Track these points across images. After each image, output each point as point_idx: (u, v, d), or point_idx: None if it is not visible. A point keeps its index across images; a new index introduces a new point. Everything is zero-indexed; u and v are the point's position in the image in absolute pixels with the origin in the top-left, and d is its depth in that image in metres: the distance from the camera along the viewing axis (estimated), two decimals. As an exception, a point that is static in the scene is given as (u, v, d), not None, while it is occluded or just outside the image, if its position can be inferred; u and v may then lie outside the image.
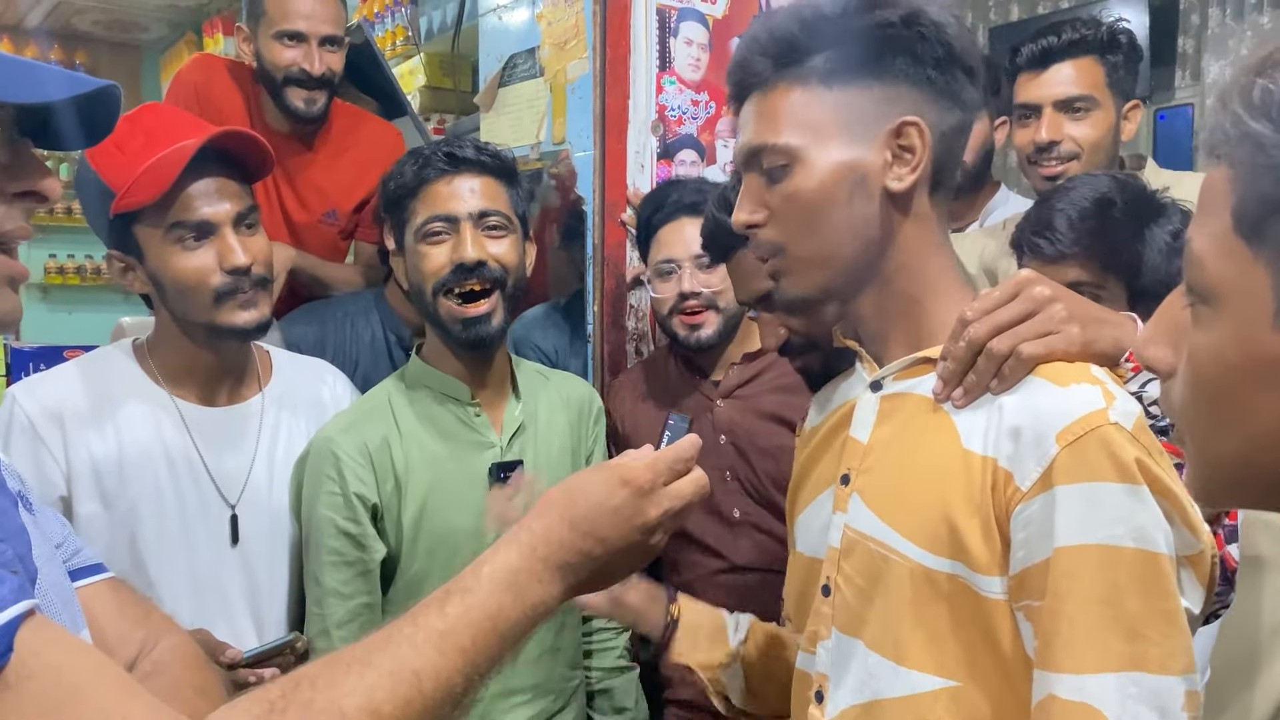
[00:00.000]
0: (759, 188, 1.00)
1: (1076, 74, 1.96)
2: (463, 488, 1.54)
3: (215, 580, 1.49)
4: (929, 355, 0.98)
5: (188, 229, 1.40)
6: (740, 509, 1.82)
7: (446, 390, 1.58)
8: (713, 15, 2.25)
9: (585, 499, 0.86)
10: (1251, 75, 0.56)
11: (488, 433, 1.59)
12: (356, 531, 1.50)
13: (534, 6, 2.26)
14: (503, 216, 1.54)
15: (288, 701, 0.69)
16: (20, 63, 0.78)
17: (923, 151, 0.96)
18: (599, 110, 2.11)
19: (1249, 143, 0.55)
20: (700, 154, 2.25)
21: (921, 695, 0.92)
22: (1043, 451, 0.86)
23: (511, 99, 2.33)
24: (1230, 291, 0.58)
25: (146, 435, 1.45)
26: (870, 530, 0.97)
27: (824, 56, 0.96)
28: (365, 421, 1.55)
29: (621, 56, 2.12)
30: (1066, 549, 0.84)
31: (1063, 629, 0.83)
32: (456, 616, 0.77)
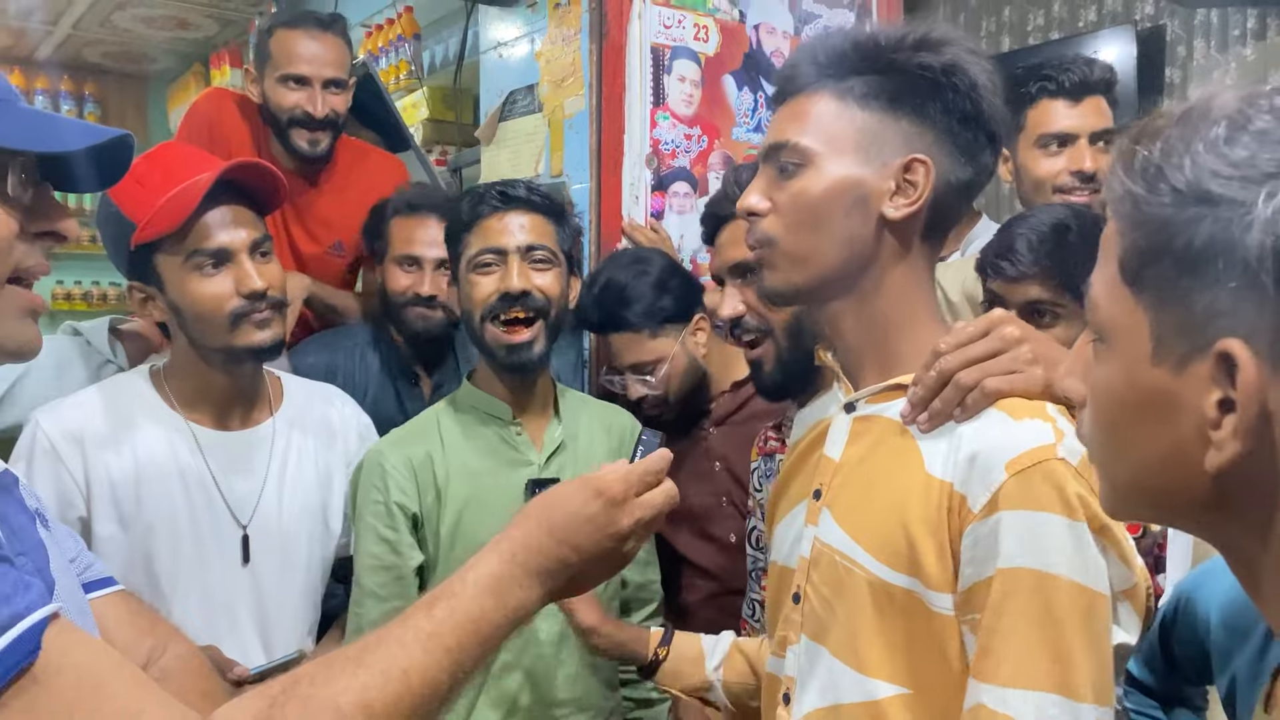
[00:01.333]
0: (771, 180, 1.06)
1: (1102, 109, 2.04)
2: (499, 501, 1.61)
3: (226, 598, 1.54)
4: (901, 382, 1.03)
5: (206, 256, 1.46)
6: (736, 533, 1.88)
7: (490, 410, 1.67)
8: (705, 53, 2.34)
9: (562, 509, 0.92)
10: (1132, 143, 0.63)
11: (527, 450, 1.67)
12: (394, 538, 1.58)
13: (533, 45, 2.35)
14: (549, 251, 1.63)
15: (288, 697, 0.74)
16: (43, 116, 0.86)
17: (925, 190, 1.01)
18: (595, 144, 2.20)
19: (1128, 201, 0.62)
20: (693, 186, 2.33)
21: (879, 701, 0.98)
22: (992, 478, 0.92)
23: (511, 133, 2.42)
24: (1118, 331, 0.64)
25: (162, 458, 1.51)
26: (837, 544, 1.03)
27: (865, 79, 1.02)
28: (413, 438, 1.65)
29: (617, 93, 2.21)
30: (1007, 570, 0.89)
31: (996, 644, 0.89)
32: (443, 619, 0.83)
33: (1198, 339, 0.58)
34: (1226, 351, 0.57)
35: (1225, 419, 0.58)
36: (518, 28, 2.41)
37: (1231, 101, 0.60)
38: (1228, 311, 0.57)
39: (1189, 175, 0.58)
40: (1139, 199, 0.61)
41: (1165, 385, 0.61)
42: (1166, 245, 0.59)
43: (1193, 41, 4.45)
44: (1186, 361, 0.59)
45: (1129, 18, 4.61)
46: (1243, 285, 0.56)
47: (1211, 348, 0.57)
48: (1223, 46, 4.35)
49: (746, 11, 2.40)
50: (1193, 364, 0.59)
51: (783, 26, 2.46)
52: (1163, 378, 0.61)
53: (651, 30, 2.25)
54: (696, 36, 2.32)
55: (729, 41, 2.38)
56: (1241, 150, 0.57)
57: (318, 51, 2.24)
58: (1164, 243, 0.59)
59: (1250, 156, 0.56)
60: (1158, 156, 0.60)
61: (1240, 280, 0.56)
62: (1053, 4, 4.96)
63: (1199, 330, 0.58)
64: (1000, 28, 5.18)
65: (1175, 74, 4.53)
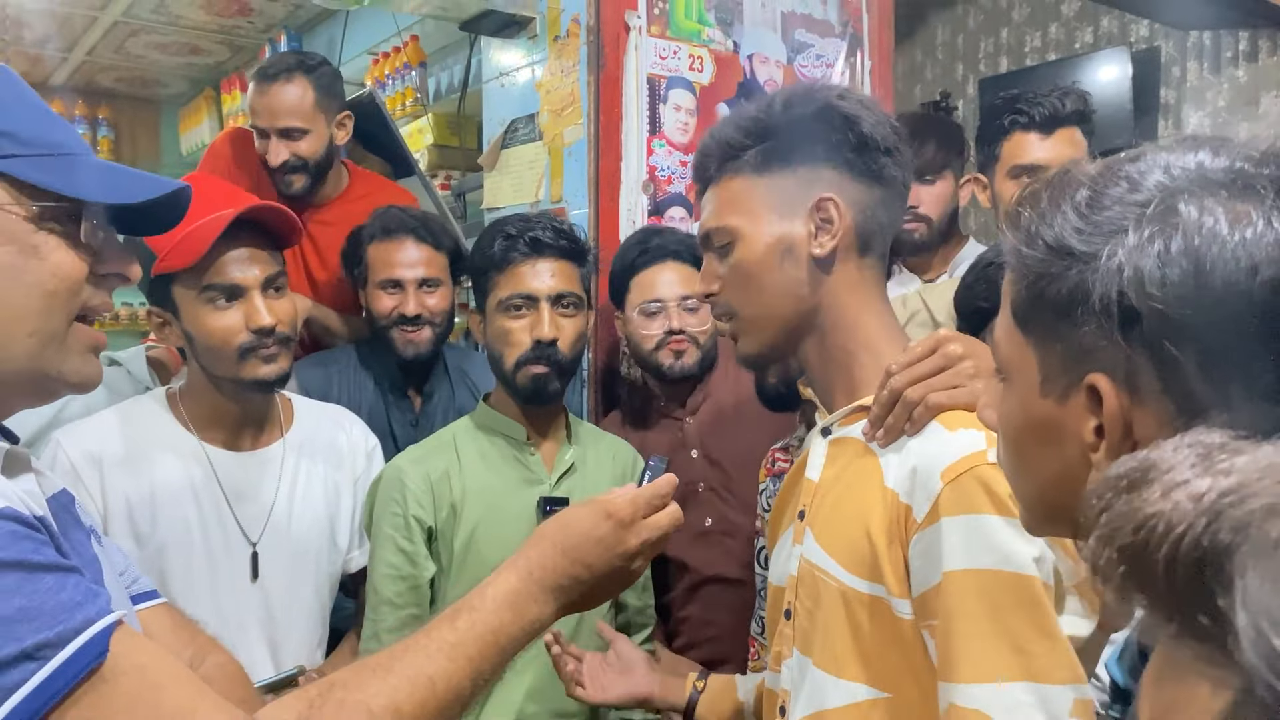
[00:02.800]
0: (713, 263, 1.18)
1: (1074, 140, 2.11)
2: (512, 518, 1.70)
3: (236, 613, 1.60)
4: (864, 404, 1.11)
5: (219, 291, 1.52)
6: (713, 517, 1.96)
7: (506, 431, 1.77)
8: (699, 82, 2.41)
9: (575, 530, 0.99)
10: (1016, 204, 0.71)
11: (539, 470, 1.76)
12: (411, 550, 1.67)
13: (534, 75, 2.43)
14: (575, 296, 1.74)
15: (324, 700, 0.81)
16: (112, 168, 0.94)
17: (841, 222, 1.11)
18: (593, 171, 2.27)
19: (1015, 255, 0.70)
20: (688, 211, 2.40)
21: (860, 704, 1.04)
22: (931, 488, 0.99)
23: (513, 160, 2.49)
24: (1014, 368, 0.73)
25: (176, 478, 1.58)
26: (816, 559, 1.10)
27: (755, 150, 1.14)
28: (431, 454, 1.74)
29: (614, 122, 2.29)
30: (952, 573, 0.96)
31: (955, 644, 0.95)
32: (465, 630, 0.90)
33: (1073, 374, 0.67)
34: (1093, 385, 0.65)
35: (1101, 443, 0.65)
36: (519, 58, 2.49)
37: (1094, 169, 0.68)
38: (1092, 350, 0.65)
39: (1056, 232, 0.66)
40: (1022, 253, 0.69)
41: (1052, 414, 0.69)
42: (1043, 293, 0.67)
43: (1186, 63, 4.52)
44: (1067, 393, 0.68)
45: (1124, 40, 4.69)
46: (1098, 327, 0.63)
47: (1083, 381, 0.66)
48: (1216, 68, 4.42)
49: (740, 42, 2.48)
50: (1072, 396, 0.67)
51: (775, 56, 2.54)
52: (1050, 408, 0.69)
53: (648, 61, 2.32)
54: (691, 67, 2.39)
55: (723, 71, 2.45)
56: (1098, 211, 0.65)
57: (268, 104, 2.37)
58: (1040, 291, 0.68)
59: (1105, 217, 0.64)
60: (1035, 218, 0.68)
61: (1095, 323, 0.64)
62: (1050, 26, 5.03)
63: (1074, 366, 0.66)
64: (998, 49, 5.26)
65: (1170, 95, 4.60)
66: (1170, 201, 0.62)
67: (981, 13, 5.33)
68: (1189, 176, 0.63)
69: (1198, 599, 0.40)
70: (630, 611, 1.88)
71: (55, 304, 0.87)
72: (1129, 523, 0.44)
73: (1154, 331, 0.61)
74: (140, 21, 4.25)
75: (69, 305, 0.88)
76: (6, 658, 0.69)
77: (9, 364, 0.86)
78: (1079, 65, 4.66)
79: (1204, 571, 0.40)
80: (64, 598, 0.73)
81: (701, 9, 2.41)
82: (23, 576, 0.72)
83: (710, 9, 2.43)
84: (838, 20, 2.65)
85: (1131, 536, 0.44)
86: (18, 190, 0.85)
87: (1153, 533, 0.43)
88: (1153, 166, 0.65)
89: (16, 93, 0.88)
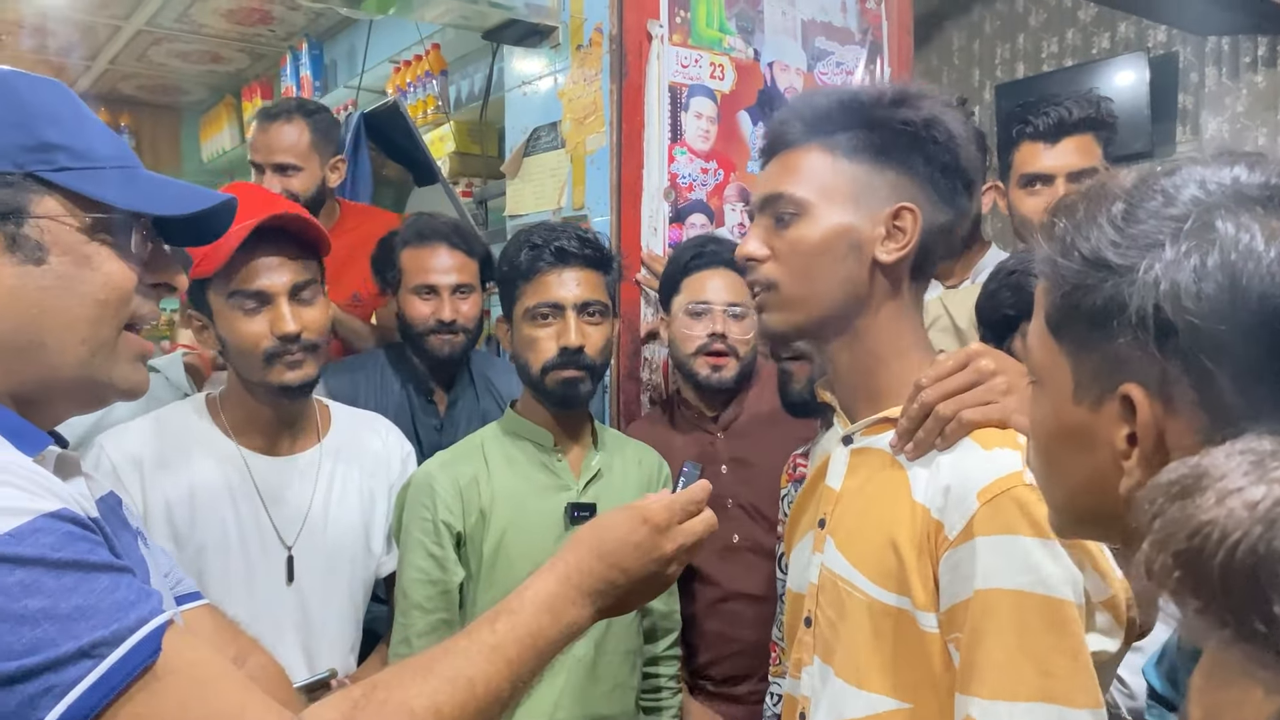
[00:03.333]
0: (768, 228, 1.13)
1: (1085, 148, 2.10)
2: (539, 523, 1.72)
3: (272, 615, 1.62)
4: (889, 415, 1.11)
5: (247, 296, 1.55)
6: (740, 534, 1.96)
7: (533, 437, 1.79)
8: (721, 91, 2.43)
9: (611, 535, 1.00)
10: (1051, 214, 0.72)
11: (567, 476, 1.78)
12: (441, 555, 1.68)
13: (556, 83, 2.45)
14: (601, 304, 1.76)
15: (367, 700, 0.83)
16: (160, 180, 0.96)
17: (913, 235, 1.09)
18: (615, 179, 2.29)
19: (1049, 264, 0.71)
20: (709, 218, 2.42)
21: (880, 715, 1.04)
22: (966, 506, 0.98)
23: (535, 168, 2.51)
24: (1047, 373, 0.74)
25: (214, 481, 1.59)
26: (838, 569, 1.10)
27: (851, 134, 1.09)
28: (460, 460, 1.76)
29: (636, 130, 2.31)
30: (984, 591, 0.96)
31: (979, 659, 0.95)
32: (504, 633, 0.91)
33: (1107, 383, 0.68)
34: (1127, 394, 0.66)
35: (1133, 451, 0.67)
36: (541, 67, 2.51)
37: (1129, 182, 0.69)
38: (1126, 360, 0.66)
39: (1093, 244, 0.67)
40: (1057, 263, 0.70)
41: (1085, 421, 0.70)
42: (1078, 304, 0.69)
43: (1204, 68, 4.51)
44: (1100, 401, 0.69)
45: (1142, 45, 4.69)
46: (1133, 339, 0.65)
47: (1117, 390, 0.67)
48: (1234, 73, 4.41)
49: (761, 50, 2.50)
50: (1105, 403, 0.68)
51: (796, 64, 2.55)
52: (1083, 415, 0.70)
53: (669, 70, 2.34)
54: (713, 75, 2.41)
55: (744, 79, 2.47)
56: (1134, 225, 0.66)
57: (266, 140, 2.52)
58: (1075, 301, 0.69)
59: (1140, 230, 0.65)
60: (1070, 229, 0.69)
61: (1130, 335, 0.65)
62: (1066, 32, 5.03)
63: (1107, 375, 0.68)
64: (1014, 55, 5.26)
65: (1188, 100, 4.59)
66: (1207, 217, 0.63)
67: (998, 18, 5.34)
68: (1225, 192, 0.64)
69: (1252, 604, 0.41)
70: (656, 616, 1.90)
71: (107, 313, 0.89)
72: (1183, 528, 0.45)
73: (1189, 345, 0.62)
74: (163, 30, 4.30)
75: (119, 314, 0.91)
76: (65, 655, 0.71)
77: (61, 371, 0.88)
78: (1096, 71, 4.66)
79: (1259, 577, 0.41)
80: (119, 597, 0.75)
81: (723, 17, 2.43)
82: (80, 576, 0.74)
83: (731, 17, 2.45)
84: (857, 28, 2.66)
85: (1186, 542, 0.45)
86: (71, 202, 0.87)
87: (1208, 539, 0.44)
88: (1188, 180, 0.66)
89: (71, 107, 0.90)
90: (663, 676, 1.93)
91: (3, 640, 0.69)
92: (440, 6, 2.42)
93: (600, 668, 1.73)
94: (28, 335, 0.86)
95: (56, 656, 0.71)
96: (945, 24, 5.55)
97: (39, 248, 0.85)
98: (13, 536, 0.72)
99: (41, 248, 0.86)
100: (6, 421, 0.84)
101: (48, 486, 0.77)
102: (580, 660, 1.71)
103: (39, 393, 0.89)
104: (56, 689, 0.70)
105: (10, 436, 0.83)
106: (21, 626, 0.70)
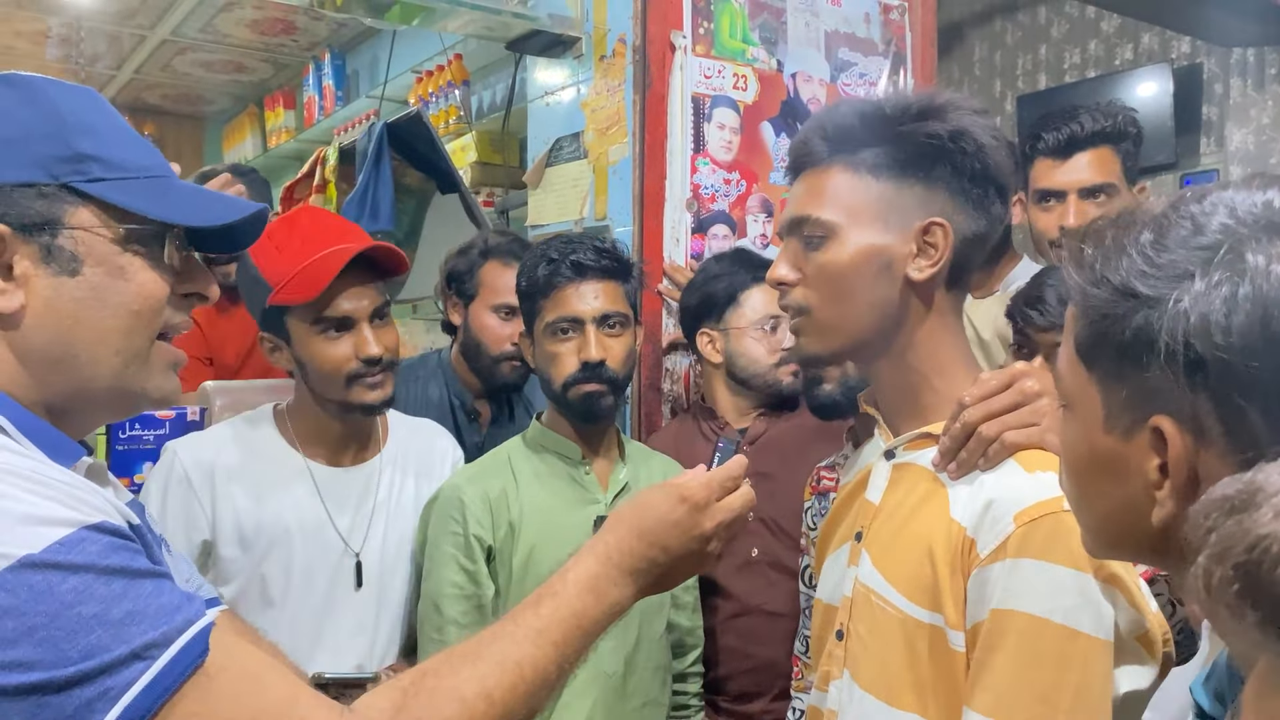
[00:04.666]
0: (797, 251, 1.11)
1: (1099, 162, 2.07)
2: (569, 537, 1.69)
3: (338, 619, 1.67)
4: (932, 431, 1.09)
5: (331, 323, 1.59)
6: (760, 548, 1.95)
7: (561, 451, 1.78)
8: (744, 101, 2.43)
9: (651, 513, 1.01)
10: (1079, 241, 0.71)
11: (595, 490, 1.78)
12: (473, 569, 1.69)
13: (579, 93, 2.45)
14: (621, 315, 1.76)
15: (417, 689, 0.84)
16: (194, 190, 0.97)
17: (945, 250, 1.07)
18: (638, 190, 2.29)
19: (1079, 292, 0.70)
20: (732, 228, 2.41)
21: None
22: (1001, 527, 0.97)
23: (557, 178, 2.52)
24: (1077, 400, 0.73)
25: (282, 491, 1.65)
26: (873, 584, 1.09)
27: (875, 151, 1.07)
28: (488, 474, 1.76)
29: (659, 140, 2.31)
30: (1000, 611, 0.95)
31: (985, 676, 0.95)
32: (549, 615, 0.92)
33: (1137, 413, 0.67)
34: (1158, 427, 0.65)
35: (1165, 482, 0.65)
36: (564, 77, 2.52)
37: (1158, 208, 0.67)
38: (1157, 391, 0.65)
39: (1122, 275, 0.66)
40: (1086, 292, 0.69)
41: (1117, 450, 0.69)
42: (1107, 333, 0.67)
43: (1229, 80, 4.48)
44: (1131, 431, 0.67)
45: (1165, 56, 4.66)
46: (1163, 372, 0.63)
47: (1148, 421, 0.66)
48: (1259, 85, 4.38)
49: (784, 61, 2.49)
50: (1136, 434, 0.67)
51: (819, 74, 2.55)
52: (1114, 443, 0.69)
53: (692, 80, 2.34)
54: (736, 85, 2.41)
55: (767, 90, 2.46)
56: (1163, 254, 0.64)
57: None
58: (1105, 331, 0.68)
59: (1170, 260, 0.64)
60: (1099, 257, 0.68)
61: (1160, 367, 0.64)
62: (1089, 43, 5.01)
63: (1138, 406, 0.66)
64: (1036, 66, 5.23)
65: (1212, 112, 4.56)
66: (1238, 248, 0.62)
67: (1020, 29, 5.31)
68: (1256, 220, 0.63)
69: None
70: (681, 631, 1.89)
71: (140, 323, 0.90)
72: (1241, 542, 0.46)
73: (1220, 379, 0.61)
74: (188, 40, 4.34)
75: (152, 324, 0.91)
76: (118, 658, 0.72)
77: (95, 381, 0.89)
78: (1119, 82, 4.64)
79: None
80: (164, 601, 0.77)
81: (746, 28, 2.43)
82: (127, 582, 0.75)
83: (754, 28, 2.44)
84: (881, 39, 2.65)
85: (1245, 554, 0.46)
86: (105, 213, 0.87)
87: (1266, 552, 0.44)
88: (1217, 207, 0.64)
89: (106, 117, 0.91)
90: (689, 694, 1.92)
91: (58, 647, 0.71)
92: (464, 17, 2.43)
93: (630, 684, 1.73)
94: (62, 346, 0.87)
95: (110, 660, 0.72)
96: (967, 35, 5.54)
97: (74, 259, 0.86)
98: (62, 545, 0.73)
99: (76, 259, 0.86)
100: (45, 435, 0.85)
101: (86, 499, 0.78)
102: (610, 677, 1.70)
103: (73, 403, 0.89)
104: (112, 692, 0.71)
105: (48, 450, 0.84)
106: (76, 633, 0.71)
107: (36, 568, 0.71)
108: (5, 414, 0.83)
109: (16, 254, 0.84)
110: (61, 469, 0.82)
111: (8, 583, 0.70)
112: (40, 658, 0.70)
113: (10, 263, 0.85)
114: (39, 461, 0.80)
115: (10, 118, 0.86)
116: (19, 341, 0.86)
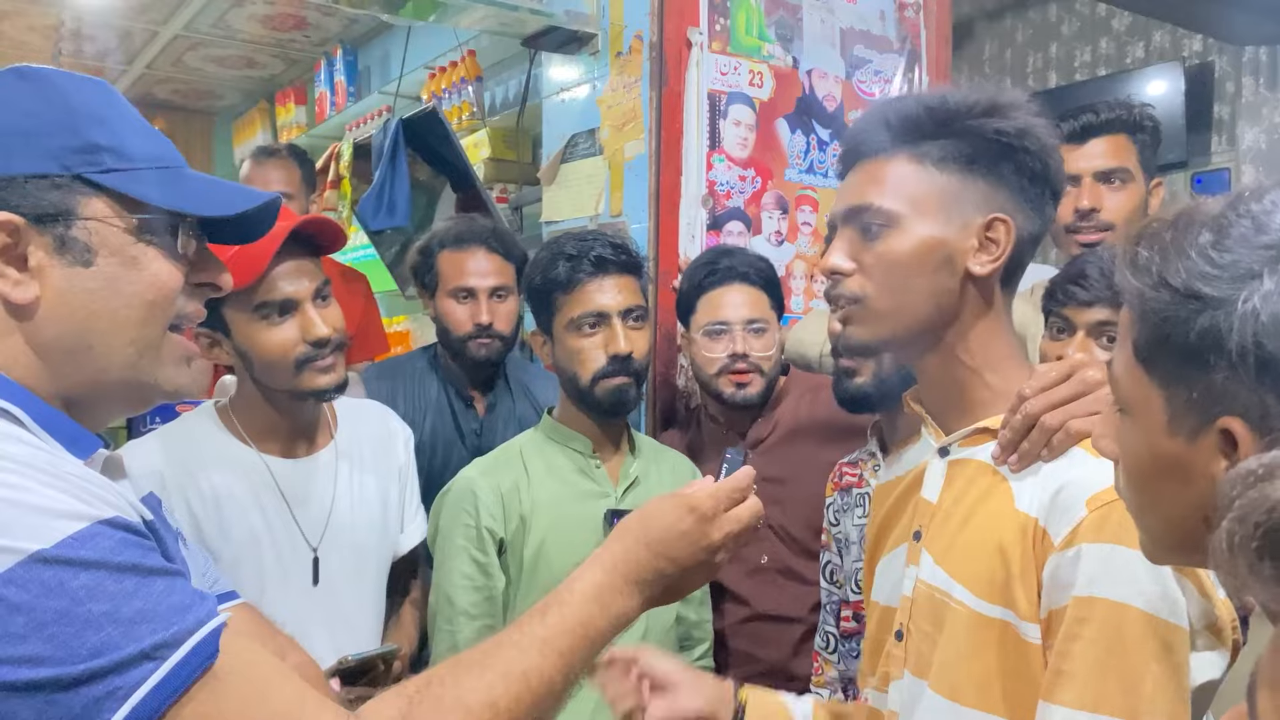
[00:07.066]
0: (854, 240, 1.09)
1: (1114, 148, 2.07)
2: (579, 529, 1.73)
3: (298, 617, 1.58)
4: (989, 425, 1.08)
5: (273, 307, 1.52)
6: (769, 554, 1.95)
7: (573, 444, 1.80)
8: (759, 98, 2.43)
9: (658, 524, 1.00)
10: (1133, 243, 0.71)
11: (605, 483, 1.79)
12: (485, 562, 1.70)
13: (594, 90, 2.46)
14: (641, 309, 1.78)
15: (422, 696, 0.84)
16: (206, 180, 0.96)
17: (1006, 246, 1.06)
18: (654, 186, 2.29)
19: (1136, 295, 0.69)
20: (747, 225, 2.42)
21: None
22: (1073, 513, 0.96)
23: (572, 175, 2.52)
24: (1137, 404, 0.72)
25: (239, 489, 1.58)
26: (936, 581, 1.08)
27: (941, 143, 1.06)
28: (500, 467, 1.78)
29: (675, 137, 2.31)
30: (1081, 599, 0.94)
31: (1066, 667, 0.93)
32: (555, 625, 0.92)
33: (1203, 416, 0.66)
34: (1227, 428, 0.64)
35: None
36: (579, 73, 2.52)
37: (1215, 207, 0.67)
38: (1225, 393, 0.64)
39: (1184, 277, 0.65)
40: (1145, 295, 0.68)
41: (1181, 453, 0.68)
42: (1169, 336, 0.67)
43: (1241, 78, 4.46)
44: (1196, 434, 0.67)
45: (1177, 54, 4.64)
46: (1230, 372, 0.63)
47: (1215, 423, 0.65)
48: (1272, 83, 4.37)
49: (800, 58, 2.49)
50: (1202, 436, 0.66)
51: (834, 71, 2.55)
52: (1178, 447, 0.68)
53: (709, 77, 2.34)
54: (751, 82, 2.41)
55: (782, 87, 2.47)
56: (1225, 254, 0.64)
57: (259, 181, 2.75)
58: (1166, 334, 0.67)
59: (1232, 260, 0.64)
60: (1157, 259, 0.68)
61: (1227, 368, 0.63)
62: (1100, 41, 4.99)
63: (1204, 409, 0.66)
64: (1047, 64, 5.22)
65: (1224, 110, 4.55)
66: None
67: (1030, 27, 5.30)
68: None
69: None
70: (689, 625, 1.89)
71: (153, 314, 0.89)
72: (1262, 506, 0.51)
73: None
74: (199, 35, 4.34)
75: (166, 315, 0.91)
76: (128, 657, 0.71)
77: (109, 373, 0.88)
78: (1130, 80, 4.62)
79: None
80: (175, 600, 0.76)
81: (762, 25, 2.43)
82: (139, 580, 0.74)
83: (770, 25, 2.45)
84: (896, 36, 2.65)
85: (1267, 515, 0.50)
86: (118, 204, 0.87)
87: None
88: (1278, 204, 0.64)
89: (117, 108, 0.90)
90: None
91: (68, 644, 0.70)
92: (479, 13, 2.43)
93: None
94: (76, 337, 0.86)
95: (120, 659, 0.71)
96: (977, 32, 5.53)
97: (87, 250, 0.86)
98: (75, 540, 0.72)
99: (90, 250, 0.86)
100: (62, 428, 0.85)
101: (100, 494, 0.78)
102: None
103: (88, 394, 0.89)
104: (120, 691, 0.71)
105: (65, 442, 0.83)
106: (86, 630, 0.71)
107: (48, 563, 0.71)
108: (23, 406, 0.82)
109: (31, 245, 0.84)
110: (77, 462, 0.81)
111: (19, 577, 0.69)
112: (50, 654, 0.69)
113: (25, 254, 0.84)
114: (55, 455, 0.80)
115: (23, 110, 0.86)
116: (34, 333, 0.85)
